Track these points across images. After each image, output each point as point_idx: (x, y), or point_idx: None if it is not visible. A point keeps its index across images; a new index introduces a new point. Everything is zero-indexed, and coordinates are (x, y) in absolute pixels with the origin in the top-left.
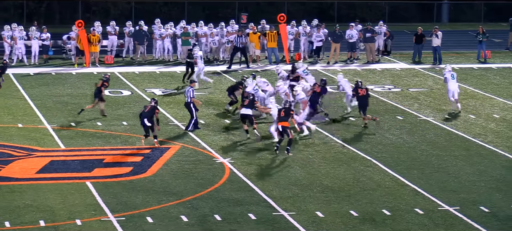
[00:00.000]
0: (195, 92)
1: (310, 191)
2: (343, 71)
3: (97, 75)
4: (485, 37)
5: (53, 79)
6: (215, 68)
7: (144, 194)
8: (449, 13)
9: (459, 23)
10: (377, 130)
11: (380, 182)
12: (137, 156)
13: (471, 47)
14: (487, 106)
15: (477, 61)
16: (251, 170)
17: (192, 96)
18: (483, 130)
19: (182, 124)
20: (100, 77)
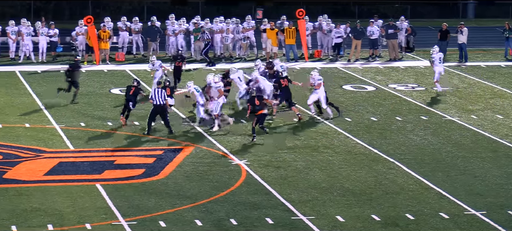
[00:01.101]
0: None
1: (330, 195)
2: (365, 69)
3: (107, 73)
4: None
5: (61, 77)
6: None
7: (157, 197)
8: (474, 9)
9: (485, 19)
10: (400, 130)
11: (404, 185)
12: (149, 158)
13: (498, 44)
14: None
15: (504, 59)
16: (268, 172)
17: (165, 98)
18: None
19: (197, 125)
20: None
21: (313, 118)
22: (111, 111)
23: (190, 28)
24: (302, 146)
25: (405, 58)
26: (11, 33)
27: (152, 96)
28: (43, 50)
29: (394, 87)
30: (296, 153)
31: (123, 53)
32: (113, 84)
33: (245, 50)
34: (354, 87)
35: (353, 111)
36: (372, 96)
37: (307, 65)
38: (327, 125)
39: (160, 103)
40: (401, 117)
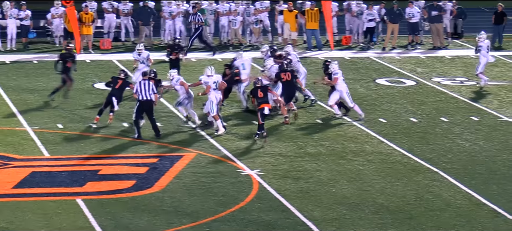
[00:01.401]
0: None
1: (360, 212)
2: (403, 59)
3: (90, 64)
4: None
5: (34, 69)
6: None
7: (150, 214)
8: None
9: None
10: (445, 134)
11: (450, 201)
12: (141, 167)
13: None
14: None
15: None
16: (285, 184)
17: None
18: None
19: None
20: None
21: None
22: (95, 111)
23: (189, 10)
24: (327, 152)
25: (451, 46)
26: None
27: (136, 90)
28: (13, 36)
29: (439, 81)
30: (319, 161)
31: (109, 39)
32: (97, 77)
33: (258, 36)
34: (390, 81)
35: (389, 111)
36: (412, 92)
37: (332, 54)
38: (356, 128)
39: (146, 98)
40: (447, 117)
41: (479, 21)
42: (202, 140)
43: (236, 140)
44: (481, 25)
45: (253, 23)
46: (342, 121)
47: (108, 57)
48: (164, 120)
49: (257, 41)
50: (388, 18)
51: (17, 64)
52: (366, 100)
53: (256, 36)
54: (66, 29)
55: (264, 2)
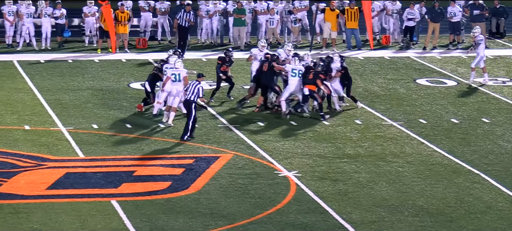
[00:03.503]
0: None
1: (400, 215)
2: (444, 59)
3: (125, 64)
4: None
5: (69, 68)
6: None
7: (186, 216)
8: None
9: None
10: (486, 135)
11: (491, 203)
12: (177, 168)
13: None
14: None
15: None
16: (323, 186)
17: (201, 96)
18: None
19: (235, 126)
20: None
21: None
22: (131, 111)
23: (229, 8)
24: (366, 154)
25: (494, 45)
26: (8, 13)
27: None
28: (47, 34)
29: (481, 82)
30: (358, 162)
31: (145, 38)
32: (133, 77)
33: (297, 35)
34: (431, 81)
35: (429, 112)
36: (453, 92)
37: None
38: (396, 129)
39: (188, 98)
40: (488, 118)
41: None
42: (239, 141)
43: (273, 141)
44: None
45: (291, 22)
46: (381, 122)
47: (144, 57)
48: (201, 121)
49: (296, 40)
50: (429, 17)
51: (51, 63)
52: (406, 101)
53: (295, 35)
54: (102, 28)
55: (303, 1)
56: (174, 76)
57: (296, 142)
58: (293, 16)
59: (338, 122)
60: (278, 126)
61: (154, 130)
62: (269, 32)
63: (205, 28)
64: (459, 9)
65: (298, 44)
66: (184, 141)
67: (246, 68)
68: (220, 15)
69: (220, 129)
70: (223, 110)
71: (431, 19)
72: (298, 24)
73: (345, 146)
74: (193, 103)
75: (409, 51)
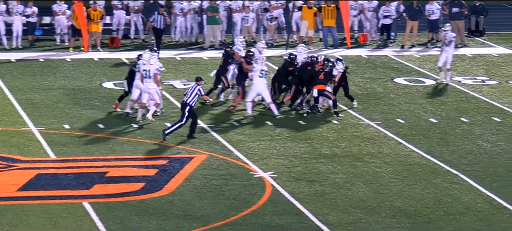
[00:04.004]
0: None
1: (377, 216)
2: (422, 57)
3: (98, 62)
4: None
5: (40, 67)
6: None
7: (159, 218)
8: None
9: None
10: (465, 135)
11: (470, 204)
12: (150, 169)
13: None
14: None
15: None
16: (299, 187)
17: (203, 94)
18: None
19: (209, 125)
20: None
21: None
22: (103, 110)
23: (204, 6)
24: (343, 154)
25: (473, 44)
26: None
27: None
28: (18, 33)
29: (459, 81)
30: (335, 163)
31: (118, 37)
32: (106, 76)
33: (273, 34)
34: (409, 80)
35: (407, 111)
36: (432, 91)
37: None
38: (373, 128)
39: (186, 100)
40: (467, 118)
41: (502, 18)
42: (213, 141)
43: (248, 141)
44: (503, 22)
45: (267, 20)
46: (358, 122)
47: (117, 55)
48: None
49: (271, 38)
50: (408, 14)
51: (22, 63)
52: (384, 100)
53: (271, 34)
54: (74, 26)
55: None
56: (145, 72)
57: (271, 142)
58: (269, 14)
59: (314, 122)
60: (253, 126)
61: (127, 130)
62: (245, 31)
63: (179, 26)
64: (437, 7)
65: (274, 43)
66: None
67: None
68: (194, 13)
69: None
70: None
71: (409, 17)
72: (274, 22)
73: (322, 146)
74: (188, 106)
75: (387, 49)
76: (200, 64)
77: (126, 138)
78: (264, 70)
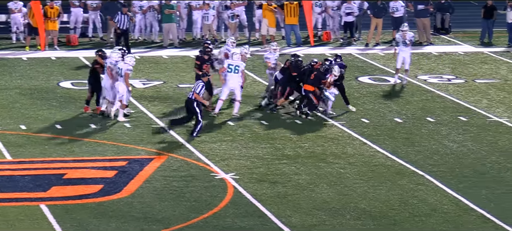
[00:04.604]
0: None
1: (341, 218)
2: (387, 55)
3: (55, 61)
4: None
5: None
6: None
7: (119, 221)
8: None
9: None
10: (431, 135)
11: (436, 206)
12: (109, 170)
13: None
14: None
15: None
16: (262, 188)
17: (197, 92)
18: None
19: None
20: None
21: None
22: (61, 111)
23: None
24: (306, 155)
25: (439, 41)
26: None
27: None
28: None
29: (425, 79)
30: (298, 164)
31: (75, 35)
32: (63, 75)
33: (234, 32)
34: (374, 79)
35: (372, 111)
36: (397, 90)
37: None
38: (338, 128)
39: (189, 96)
40: (433, 117)
41: (468, 15)
42: (173, 142)
43: (209, 142)
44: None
45: (228, 18)
46: (322, 122)
47: (75, 54)
48: (133, 121)
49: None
50: (372, 12)
51: None
52: None
53: (232, 32)
54: (31, 24)
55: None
56: (119, 70)
57: (233, 143)
58: (230, 12)
59: (277, 122)
60: (215, 126)
61: (86, 131)
62: (205, 28)
63: (138, 24)
64: (402, 4)
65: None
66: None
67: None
68: (154, 11)
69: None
70: (157, 109)
71: (373, 14)
72: (235, 20)
73: (285, 147)
74: (194, 102)
75: (351, 47)
76: (159, 63)
77: (84, 139)
78: (234, 64)
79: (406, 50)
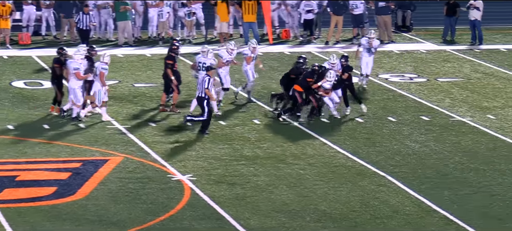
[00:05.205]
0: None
1: (301, 220)
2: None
3: (7, 60)
4: None
5: None
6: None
7: (73, 224)
8: None
9: None
10: (393, 135)
11: (398, 207)
12: (63, 172)
13: None
14: None
15: None
16: (220, 190)
17: (206, 87)
18: None
19: (125, 127)
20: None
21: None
22: (13, 111)
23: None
24: (265, 156)
25: (400, 39)
26: None
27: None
28: None
29: (386, 78)
30: (257, 165)
31: (28, 33)
32: (15, 75)
33: (191, 30)
34: None
35: None
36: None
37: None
38: (297, 129)
39: (198, 94)
40: (395, 117)
41: (430, 13)
42: (129, 143)
43: (166, 142)
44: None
45: (185, 15)
46: (281, 122)
47: (28, 53)
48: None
49: (189, 35)
50: (332, 9)
51: None
52: None
53: (188, 30)
54: None
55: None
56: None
57: (190, 144)
58: (187, 9)
59: (235, 122)
60: (171, 127)
61: (39, 131)
62: (160, 26)
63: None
64: (361, 1)
65: (192, 40)
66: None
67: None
68: (109, 8)
69: (109, 130)
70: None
71: (333, 11)
72: (192, 18)
73: (243, 148)
74: (204, 99)
75: (310, 45)
76: (114, 61)
77: (37, 140)
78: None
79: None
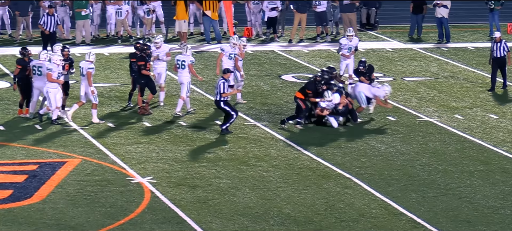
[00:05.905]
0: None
1: (264, 223)
2: (312, 52)
3: None
4: (499, 4)
5: None
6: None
7: (29, 228)
8: None
9: None
10: (359, 136)
11: (364, 210)
12: (19, 175)
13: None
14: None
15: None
16: (181, 193)
17: (222, 91)
18: (510, 136)
19: (82, 127)
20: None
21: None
22: None
23: None
24: (227, 157)
25: (365, 37)
26: None
27: None
28: None
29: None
30: (219, 167)
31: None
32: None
33: (150, 28)
34: (298, 77)
35: None
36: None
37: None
38: (260, 129)
39: (216, 98)
40: (360, 117)
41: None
42: (87, 144)
43: (125, 144)
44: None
45: (143, 13)
46: (243, 122)
47: None
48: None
49: (148, 33)
50: (295, 7)
51: None
52: (270, 99)
53: (148, 28)
54: None
55: None
56: (81, 69)
57: (150, 145)
58: (146, 6)
59: (196, 123)
60: (131, 128)
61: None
62: (119, 24)
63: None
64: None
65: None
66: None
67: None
68: (66, 6)
69: (67, 131)
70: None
71: (297, 9)
72: (151, 15)
73: (205, 149)
74: (221, 102)
75: (273, 44)
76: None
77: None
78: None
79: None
